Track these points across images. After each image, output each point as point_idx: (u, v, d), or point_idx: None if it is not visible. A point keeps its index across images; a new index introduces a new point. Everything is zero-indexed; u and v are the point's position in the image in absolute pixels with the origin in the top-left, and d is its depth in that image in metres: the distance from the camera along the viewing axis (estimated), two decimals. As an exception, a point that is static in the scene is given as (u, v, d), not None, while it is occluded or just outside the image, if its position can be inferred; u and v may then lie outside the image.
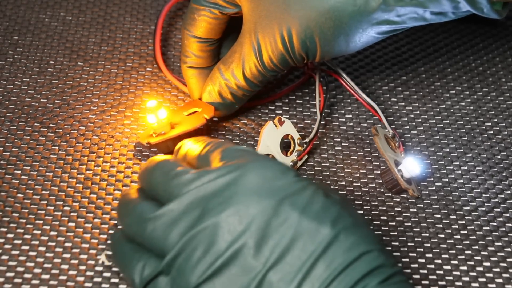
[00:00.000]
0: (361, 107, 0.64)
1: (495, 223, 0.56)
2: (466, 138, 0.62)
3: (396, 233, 0.55)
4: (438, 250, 0.54)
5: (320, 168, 0.59)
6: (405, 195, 0.58)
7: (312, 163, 0.59)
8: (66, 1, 0.71)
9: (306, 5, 0.53)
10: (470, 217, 0.56)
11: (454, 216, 0.57)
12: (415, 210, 0.57)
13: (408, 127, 0.63)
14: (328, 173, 0.59)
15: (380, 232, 0.55)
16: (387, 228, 0.55)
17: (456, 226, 0.56)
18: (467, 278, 0.53)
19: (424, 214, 0.56)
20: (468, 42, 0.71)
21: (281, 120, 0.58)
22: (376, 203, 0.57)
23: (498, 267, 0.53)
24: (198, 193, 0.46)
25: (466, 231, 0.56)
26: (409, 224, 0.56)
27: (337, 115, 0.63)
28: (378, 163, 0.60)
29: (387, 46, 0.70)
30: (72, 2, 0.71)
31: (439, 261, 0.54)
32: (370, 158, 0.60)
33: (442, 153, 0.61)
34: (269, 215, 0.45)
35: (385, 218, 0.56)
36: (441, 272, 0.53)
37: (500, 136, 0.63)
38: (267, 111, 0.63)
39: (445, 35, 0.72)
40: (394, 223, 0.56)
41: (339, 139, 0.61)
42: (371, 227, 0.55)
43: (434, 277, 0.53)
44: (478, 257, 0.54)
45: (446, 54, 0.70)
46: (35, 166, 0.56)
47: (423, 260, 0.54)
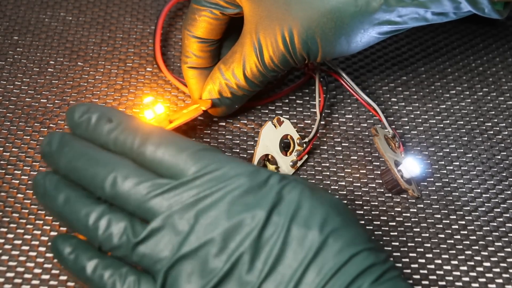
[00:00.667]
0: (361, 107, 0.64)
1: (495, 223, 0.56)
2: (466, 138, 0.62)
3: (396, 233, 0.55)
4: (438, 251, 0.54)
5: (320, 168, 0.59)
6: (405, 195, 0.58)
7: (312, 163, 0.59)
8: (66, 1, 0.71)
9: (308, 6, 0.53)
10: (470, 217, 0.56)
11: (454, 216, 0.57)
12: (415, 210, 0.57)
13: (408, 127, 0.63)
14: (328, 173, 0.59)
15: (380, 232, 0.55)
16: (387, 228, 0.55)
17: (456, 227, 0.56)
18: (467, 278, 0.53)
19: (424, 214, 0.56)
20: (468, 42, 0.71)
21: (280, 120, 0.58)
22: (376, 203, 0.57)
23: (498, 267, 0.53)
24: (182, 211, 0.45)
25: (466, 232, 0.56)
26: (409, 224, 0.56)
27: (337, 115, 0.63)
28: (378, 163, 0.60)
29: (387, 46, 0.70)
30: (72, 2, 0.71)
31: (439, 261, 0.54)
32: (370, 158, 0.60)
33: (442, 153, 0.61)
34: (260, 228, 0.44)
35: (385, 218, 0.56)
36: (441, 273, 0.53)
37: (500, 136, 0.63)
38: (267, 111, 0.63)
39: (445, 35, 0.72)
40: (394, 223, 0.56)
41: (339, 139, 0.61)
42: (370, 228, 0.55)
43: (434, 277, 0.53)
44: (478, 258, 0.54)
45: (446, 54, 0.70)
46: (35, 166, 0.56)
47: (423, 260, 0.54)
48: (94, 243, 0.46)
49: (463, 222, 0.56)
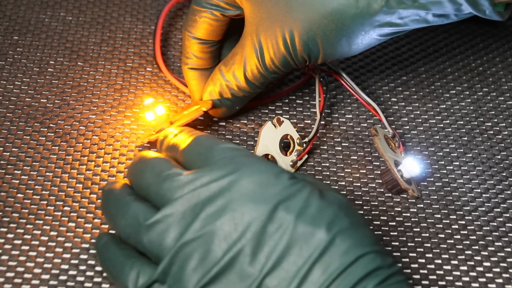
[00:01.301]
0: (361, 107, 0.64)
1: (495, 223, 0.56)
2: (466, 138, 0.62)
3: (396, 233, 0.55)
4: (438, 250, 0.54)
5: (320, 168, 0.59)
6: (405, 195, 0.58)
7: (312, 163, 0.59)
8: (66, 1, 0.71)
9: (308, 8, 0.53)
10: (470, 217, 0.56)
11: (454, 216, 0.57)
12: (415, 210, 0.57)
13: (408, 127, 0.63)
14: (328, 173, 0.59)
15: (380, 232, 0.55)
16: (387, 228, 0.55)
17: (456, 226, 0.56)
18: (467, 278, 0.53)
19: (424, 214, 0.56)
20: (468, 42, 0.71)
21: (280, 120, 0.58)
22: (376, 203, 0.57)
23: (498, 267, 0.53)
24: (192, 199, 0.46)
25: (466, 231, 0.56)
26: (409, 224, 0.56)
27: (337, 115, 0.63)
28: (378, 163, 0.60)
29: (387, 46, 0.70)
30: (72, 2, 0.71)
31: (439, 261, 0.54)
32: (370, 158, 0.60)
33: (442, 153, 0.61)
34: (265, 221, 0.45)
35: (385, 218, 0.56)
36: (441, 272, 0.53)
37: (500, 136, 0.63)
38: (267, 111, 0.63)
39: (445, 35, 0.72)
40: (394, 223, 0.56)
41: (339, 139, 0.61)
42: (371, 227, 0.55)
43: (434, 277, 0.53)
44: (478, 257, 0.54)
45: (446, 54, 0.70)
46: (35, 166, 0.56)
47: (423, 260, 0.54)
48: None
49: (463, 222, 0.56)
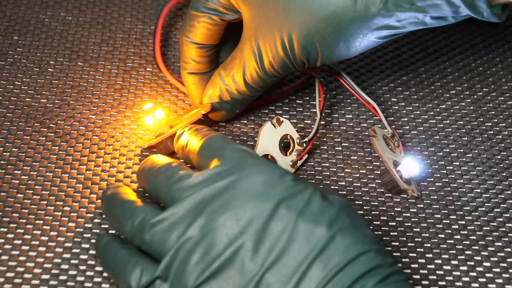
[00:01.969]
0: (361, 107, 0.64)
1: (495, 223, 0.56)
2: (466, 138, 0.62)
3: (396, 233, 0.55)
4: (438, 251, 0.54)
5: (320, 168, 0.59)
6: (405, 195, 0.58)
7: (312, 163, 0.59)
8: (66, 1, 0.71)
9: (307, 11, 0.53)
10: (470, 217, 0.56)
11: (454, 216, 0.57)
12: (415, 210, 0.57)
13: (408, 127, 0.63)
14: (328, 173, 0.59)
15: (380, 232, 0.55)
16: (387, 228, 0.55)
17: (456, 226, 0.56)
18: (467, 278, 0.53)
19: (424, 214, 0.56)
20: (468, 42, 0.71)
21: (280, 120, 0.58)
22: (376, 203, 0.57)
23: (498, 267, 0.53)
24: (198, 197, 0.47)
25: (466, 231, 0.56)
26: (409, 225, 0.56)
27: (337, 115, 0.63)
28: (378, 163, 0.60)
29: (387, 46, 0.70)
30: (72, 2, 0.71)
31: (439, 261, 0.54)
32: (370, 158, 0.60)
33: (442, 153, 0.61)
34: (266, 218, 0.45)
35: (385, 218, 0.56)
36: (441, 272, 0.53)
37: (500, 136, 0.63)
38: (267, 111, 0.63)
39: (445, 35, 0.72)
40: (394, 223, 0.56)
41: (339, 139, 0.61)
42: (371, 227, 0.55)
43: (434, 277, 0.53)
44: (478, 257, 0.54)
45: (446, 54, 0.70)
46: (35, 166, 0.56)
47: (423, 261, 0.54)
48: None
49: (463, 222, 0.56)
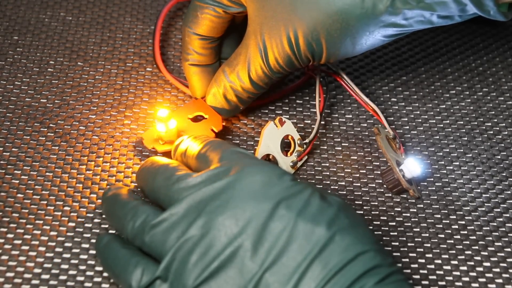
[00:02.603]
0: (361, 107, 0.64)
1: (495, 223, 0.56)
2: (466, 138, 0.62)
3: (396, 233, 0.55)
4: (438, 251, 0.54)
5: (320, 168, 0.59)
6: (405, 195, 0.58)
7: (312, 163, 0.59)
8: (66, 1, 0.71)
9: (313, 7, 0.53)
10: (470, 217, 0.56)
11: (454, 216, 0.57)
12: (415, 210, 0.57)
13: (408, 127, 0.63)
14: (328, 173, 0.59)
15: (380, 232, 0.55)
16: (387, 228, 0.55)
17: (456, 226, 0.56)
18: (467, 278, 0.53)
19: (424, 214, 0.56)
20: (468, 42, 0.71)
21: (282, 121, 0.58)
22: (376, 203, 0.57)
23: (498, 267, 0.53)
24: (197, 197, 0.47)
25: (466, 231, 0.56)
26: (409, 224, 0.56)
27: (337, 115, 0.63)
28: (378, 163, 0.60)
29: (387, 46, 0.70)
30: (72, 2, 0.71)
31: (439, 261, 0.54)
32: (370, 158, 0.60)
33: (442, 153, 0.61)
34: (265, 218, 0.45)
35: (385, 218, 0.56)
36: (441, 272, 0.53)
37: (500, 136, 0.63)
38: (267, 111, 0.63)
39: (445, 35, 0.72)
40: (394, 223, 0.56)
41: (339, 139, 0.61)
42: (370, 228, 0.55)
43: (434, 277, 0.53)
44: (478, 257, 0.54)
45: (446, 54, 0.70)
46: (35, 166, 0.56)
47: (423, 260, 0.54)
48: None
49: (463, 222, 0.56)
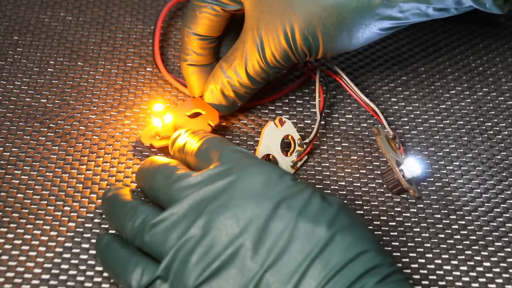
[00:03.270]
0: (361, 107, 0.64)
1: (495, 223, 0.56)
2: (466, 138, 0.62)
3: (396, 233, 0.55)
4: (438, 250, 0.54)
5: (320, 168, 0.59)
6: (405, 195, 0.58)
7: (312, 163, 0.59)
8: (66, 1, 0.71)
9: (309, 1, 0.53)
10: (470, 217, 0.56)
11: (454, 216, 0.57)
12: (415, 210, 0.57)
13: (408, 127, 0.63)
14: (328, 173, 0.59)
15: (380, 232, 0.55)
16: (387, 228, 0.55)
17: (456, 226, 0.56)
18: (467, 278, 0.53)
19: (424, 214, 0.56)
20: (468, 42, 0.71)
21: (282, 121, 0.58)
22: (376, 203, 0.57)
23: (498, 267, 0.53)
24: (197, 197, 0.47)
25: (466, 231, 0.56)
26: (409, 224, 0.56)
27: (337, 115, 0.63)
28: (378, 163, 0.60)
29: (387, 46, 0.70)
30: (72, 2, 0.70)
31: (439, 261, 0.54)
32: (370, 158, 0.60)
33: (442, 153, 0.61)
34: (266, 218, 0.45)
35: (385, 218, 0.56)
36: (441, 272, 0.53)
37: (500, 136, 0.63)
38: (267, 111, 0.63)
39: (445, 35, 0.72)
40: (394, 223, 0.56)
41: (339, 139, 0.61)
42: (370, 228, 0.55)
43: (434, 277, 0.53)
44: (478, 257, 0.54)
45: (446, 54, 0.70)
46: (35, 166, 0.56)
47: (423, 260, 0.54)
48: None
49: (463, 222, 0.56)
